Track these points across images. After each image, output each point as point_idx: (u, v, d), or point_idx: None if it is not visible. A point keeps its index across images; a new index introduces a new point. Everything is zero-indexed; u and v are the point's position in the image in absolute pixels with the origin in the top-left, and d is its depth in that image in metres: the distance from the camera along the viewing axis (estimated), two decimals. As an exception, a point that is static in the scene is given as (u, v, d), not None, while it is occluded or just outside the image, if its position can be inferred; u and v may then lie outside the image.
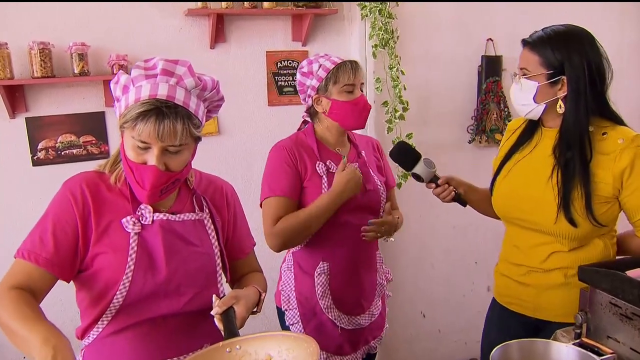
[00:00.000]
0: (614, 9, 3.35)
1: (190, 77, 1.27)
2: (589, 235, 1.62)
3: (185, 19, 2.56)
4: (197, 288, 1.37)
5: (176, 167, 1.28)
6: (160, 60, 1.26)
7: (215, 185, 1.51)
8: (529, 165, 1.72)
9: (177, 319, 1.36)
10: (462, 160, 3.10)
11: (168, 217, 1.35)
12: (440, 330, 3.36)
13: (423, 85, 3.01)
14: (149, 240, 1.32)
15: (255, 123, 2.78)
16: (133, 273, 1.28)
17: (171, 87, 1.25)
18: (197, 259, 1.37)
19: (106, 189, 1.34)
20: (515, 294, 1.78)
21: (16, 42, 2.28)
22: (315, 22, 2.75)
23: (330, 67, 1.82)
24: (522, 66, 1.65)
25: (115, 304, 1.29)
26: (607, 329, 1.32)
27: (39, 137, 2.41)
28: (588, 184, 1.56)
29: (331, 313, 1.87)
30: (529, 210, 1.67)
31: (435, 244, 3.24)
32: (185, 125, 1.24)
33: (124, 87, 1.27)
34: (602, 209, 1.59)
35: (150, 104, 1.21)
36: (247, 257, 1.58)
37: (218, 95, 1.38)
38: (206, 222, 1.42)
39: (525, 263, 1.73)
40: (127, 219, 1.31)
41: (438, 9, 2.97)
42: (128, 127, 1.23)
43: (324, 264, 1.87)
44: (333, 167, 1.85)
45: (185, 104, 1.25)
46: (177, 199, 1.41)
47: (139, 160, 1.25)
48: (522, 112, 1.69)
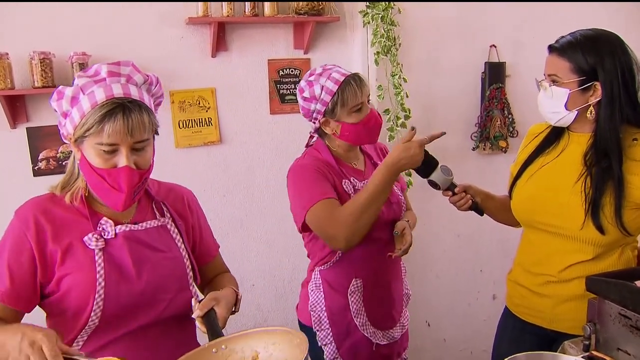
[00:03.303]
0: (619, 14, 3.33)
1: (137, 73, 1.29)
2: (614, 243, 1.59)
3: (187, 28, 2.56)
4: (171, 293, 1.36)
5: (144, 165, 1.29)
6: (102, 64, 1.26)
7: (176, 192, 1.51)
8: (554, 169, 1.68)
9: (156, 328, 1.36)
10: (466, 168, 3.07)
11: (131, 228, 1.34)
12: (446, 340, 3.32)
13: (426, 93, 2.99)
14: (115, 254, 1.31)
15: (257, 131, 2.77)
16: (105, 289, 1.26)
17: (124, 85, 1.26)
18: (167, 265, 1.37)
19: (61, 210, 1.32)
20: (530, 305, 1.75)
21: (17, 52, 2.27)
22: (317, 30, 2.74)
23: (333, 88, 1.73)
24: (551, 72, 1.60)
25: (91, 325, 1.27)
26: (617, 340, 1.29)
27: (40, 147, 2.40)
28: (622, 190, 1.53)
29: (367, 330, 1.83)
30: (554, 214, 1.64)
31: (440, 252, 3.21)
32: (150, 116, 1.26)
33: (72, 98, 1.25)
34: (632, 215, 1.55)
35: (112, 103, 1.21)
36: (215, 259, 1.59)
37: (160, 91, 1.39)
38: (169, 227, 1.42)
39: (543, 271, 1.69)
40: (89, 236, 1.29)
41: (441, 15, 2.96)
42: (92, 133, 1.21)
43: (357, 280, 1.82)
44: (357, 184, 1.79)
45: (141, 98, 1.27)
46: (138, 210, 1.40)
47: (107, 165, 1.24)
48: (552, 120, 1.65)
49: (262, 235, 2.81)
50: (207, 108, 2.64)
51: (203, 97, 2.63)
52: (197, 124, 2.63)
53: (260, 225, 2.80)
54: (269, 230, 2.83)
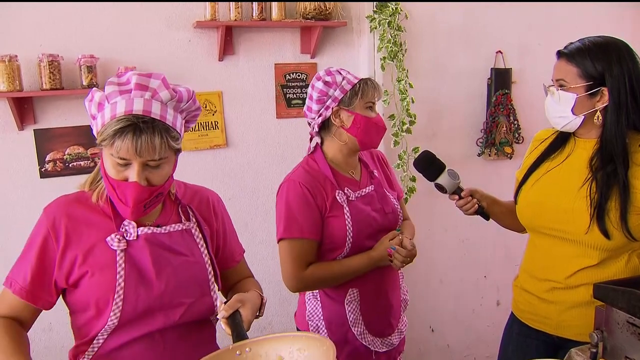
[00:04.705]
0: (625, 22, 3.33)
1: (165, 89, 1.26)
2: (620, 248, 1.59)
3: (194, 31, 2.57)
4: (191, 298, 1.36)
5: (157, 182, 1.27)
6: (134, 74, 1.25)
7: (201, 195, 1.50)
8: (560, 175, 1.68)
9: (175, 331, 1.35)
10: (471, 173, 3.06)
11: (153, 230, 1.34)
12: (450, 346, 3.31)
13: (432, 98, 3.00)
14: (136, 256, 1.31)
15: (263, 135, 2.77)
16: (124, 290, 1.27)
17: (146, 101, 1.23)
18: (188, 269, 1.36)
19: (87, 210, 1.33)
20: (536, 311, 1.75)
21: (25, 54, 2.29)
22: (324, 35, 2.75)
23: (354, 80, 1.78)
24: (559, 77, 1.61)
25: (110, 324, 1.28)
26: (625, 348, 1.28)
27: (47, 149, 2.41)
28: (627, 194, 1.54)
29: (365, 339, 1.83)
30: (559, 219, 1.64)
31: (444, 258, 3.20)
32: (163, 139, 1.23)
33: (99, 104, 1.26)
34: (637, 221, 1.56)
35: (127, 119, 1.20)
36: (239, 264, 1.57)
37: (195, 105, 1.36)
38: (194, 231, 1.41)
39: (549, 277, 1.69)
40: (112, 237, 1.30)
41: (447, 21, 2.96)
42: (106, 144, 1.22)
43: (353, 290, 1.82)
44: (351, 195, 1.80)
45: (162, 117, 1.24)
46: (162, 212, 1.40)
47: (119, 177, 1.24)
48: (559, 125, 1.65)
49: (267, 238, 2.81)
50: (214, 111, 2.65)
51: (210, 101, 2.64)
52: (203, 128, 2.64)
53: (265, 228, 2.80)
54: (274, 234, 2.81)
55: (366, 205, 1.81)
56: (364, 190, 1.84)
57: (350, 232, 1.75)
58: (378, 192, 1.86)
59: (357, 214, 1.77)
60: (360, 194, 1.82)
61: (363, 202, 1.81)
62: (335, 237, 1.76)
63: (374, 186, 1.87)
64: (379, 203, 1.85)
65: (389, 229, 1.86)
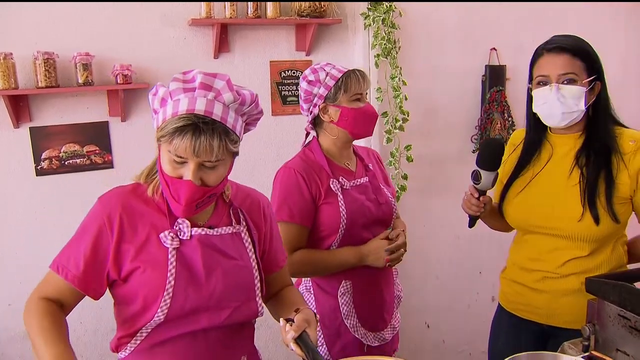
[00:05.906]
0: (619, 19, 3.35)
1: (228, 91, 1.25)
2: (606, 237, 1.63)
3: (189, 29, 2.57)
4: (237, 302, 1.35)
5: (212, 182, 1.26)
6: (199, 73, 1.25)
7: (252, 198, 1.49)
8: (546, 178, 1.71)
9: (217, 332, 1.35)
10: (466, 170, 3.06)
11: (206, 232, 1.33)
12: (445, 341, 3.33)
13: (427, 95, 3.01)
14: (188, 256, 1.30)
15: (258, 132, 2.74)
16: (174, 289, 1.26)
17: (209, 102, 1.23)
18: (237, 273, 1.35)
19: (142, 203, 1.32)
20: (527, 301, 1.77)
21: (21, 52, 2.29)
22: (319, 32, 2.75)
23: (337, 75, 1.79)
24: (567, 71, 1.60)
25: (155, 320, 1.27)
26: (616, 341, 1.30)
27: (43, 147, 2.41)
28: (611, 175, 1.59)
29: (357, 332, 1.84)
30: (552, 215, 1.67)
31: (439, 254, 3.22)
32: (222, 141, 1.22)
33: (162, 100, 1.26)
34: (621, 209, 1.60)
35: (188, 119, 1.19)
36: (281, 270, 1.55)
37: (257, 109, 1.36)
38: (243, 235, 1.40)
39: (540, 268, 1.71)
40: (165, 234, 1.29)
41: (441, 18, 2.98)
42: (165, 141, 1.22)
43: (346, 282, 1.84)
44: (346, 184, 1.82)
45: (222, 119, 1.23)
46: (214, 213, 1.39)
47: (175, 174, 1.24)
48: (564, 121, 1.63)
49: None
50: (209, 109, 2.65)
51: (205, 98, 2.64)
52: (199, 125, 2.64)
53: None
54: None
55: (360, 195, 1.84)
56: (358, 180, 1.86)
57: (344, 219, 1.77)
58: (373, 184, 1.88)
59: (351, 203, 1.79)
60: (355, 183, 1.84)
61: (357, 192, 1.83)
62: (329, 224, 1.78)
63: (369, 178, 1.90)
64: (373, 194, 1.87)
65: (383, 220, 1.88)
